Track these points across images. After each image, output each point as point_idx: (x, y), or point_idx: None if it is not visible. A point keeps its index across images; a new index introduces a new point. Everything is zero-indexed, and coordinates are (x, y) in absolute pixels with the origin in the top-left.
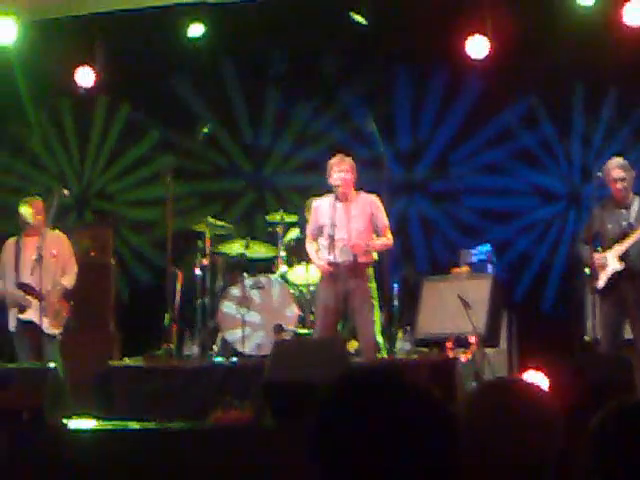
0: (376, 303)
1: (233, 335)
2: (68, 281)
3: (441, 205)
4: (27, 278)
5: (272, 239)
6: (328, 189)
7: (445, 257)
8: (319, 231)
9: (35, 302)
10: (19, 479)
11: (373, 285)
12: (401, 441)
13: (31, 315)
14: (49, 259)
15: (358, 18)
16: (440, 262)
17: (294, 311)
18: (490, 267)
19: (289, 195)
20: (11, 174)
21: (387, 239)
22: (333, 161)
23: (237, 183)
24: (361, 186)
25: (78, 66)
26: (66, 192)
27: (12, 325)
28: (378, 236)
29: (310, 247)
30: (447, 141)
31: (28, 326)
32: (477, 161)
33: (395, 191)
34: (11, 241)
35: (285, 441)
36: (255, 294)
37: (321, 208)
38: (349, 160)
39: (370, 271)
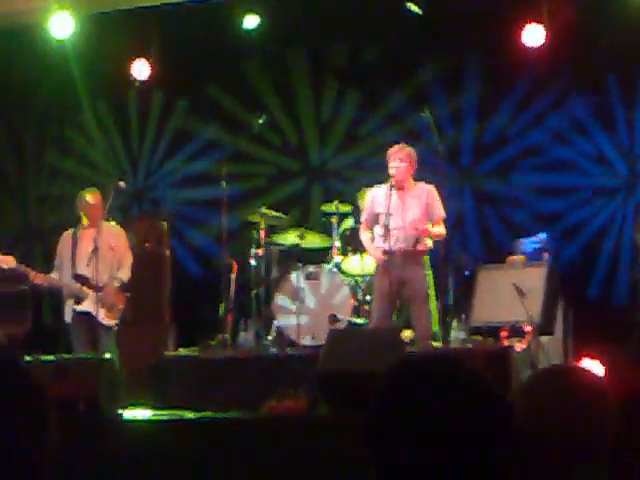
0: (432, 292)
1: (288, 325)
2: (124, 274)
3: (497, 194)
4: (83, 270)
5: (327, 229)
6: (385, 178)
7: (500, 246)
8: (374, 220)
9: (91, 293)
10: (75, 470)
11: (429, 273)
12: (456, 429)
13: (87, 306)
14: (105, 251)
15: (414, 8)
16: (495, 251)
17: (349, 301)
18: (546, 255)
19: (344, 185)
20: (67, 166)
21: (441, 230)
22: (391, 150)
23: (293, 173)
24: (421, 176)
25: (134, 59)
26: (123, 184)
27: (68, 316)
28: (433, 226)
29: (364, 236)
30: (502, 130)
31: (84, 317)
32: (539, 158)
33: (451, 179)
34: (68, 233)
35: (339, 431)
36: (310, 284)
37: (377, 197)
38: (408, 149)
39: (426, 259)
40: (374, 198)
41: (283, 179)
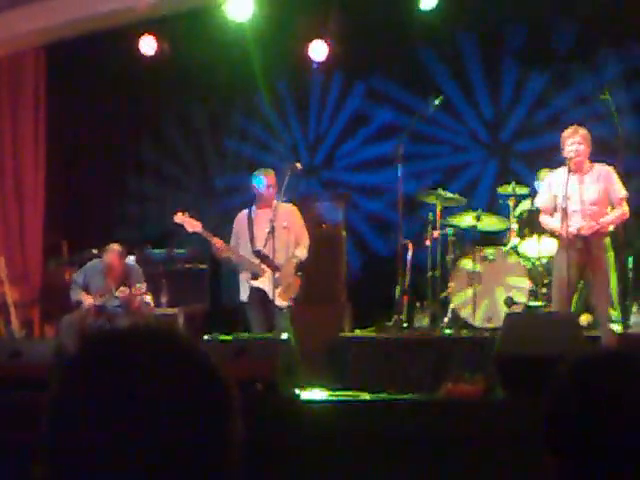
0: (612, 275)
1: (463, 307)
2: (302, 253)
3: None
4: (261, 250)
5: (504, 211)
6: (560, 161)
7: None
8: (553, 204)
9: (269, 272)
10: (252, 450)
11: (610, 255)
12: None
13: (263, 283)
14: (281, 231)
15: None
16: None
17: (526, 284)
18: None
19: (521, 167)
20: (244, 147)
21: (622, 212)
22: (566, 133)
23: (470, 155)
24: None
25: (312, 40)
26: (299, 166)
27: (244, 295)
28: (613, 207)
29: (546, 218)
30: None
31: (259, 294)
32: None
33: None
34: (243, 213)
35: (517, 416)
36: (486, 267)
37: (554, 180)
38: (583, 131)
39: (607, 241)
40: (551, 181)
41: (460, 161)
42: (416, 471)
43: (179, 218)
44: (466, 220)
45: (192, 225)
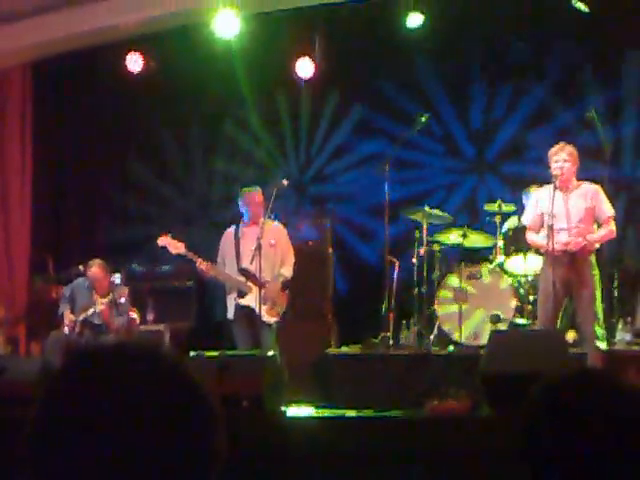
0: (598, 293)
1: (450, 324)
2: (288, 271)
3: None
4: (247, 267)
5: (489, 229)
6: (548, 179)
7: None
8: (539, 221)
9: (255, 289)
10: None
11: (595, 272)
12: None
13: (250, 301)
14: (268, 249)
15: (580, 5)
16: None
17: (512, 301)
18: None
19: (507, 184)
20: (232, 164)
21: (609, 230)
22: (552, 150)
23: (456, 172)
24: (584, 175)
25: (299, 58)
26: (285, 182)
27: (231, 313)
28: (600, 226)
29: (532, 235)
30: None
31: (246, 311)
32: None
33: (617, 180)
34: (230, 231)
35: (502, 433)
36: (472, 284)
37: (541, 197)
38: (569, 148)
39: (592, 259)
40: (538, 199)
41: (446, 178)
42: None
43: (162, 241)
44: (452, 237)
45: (175, 247)
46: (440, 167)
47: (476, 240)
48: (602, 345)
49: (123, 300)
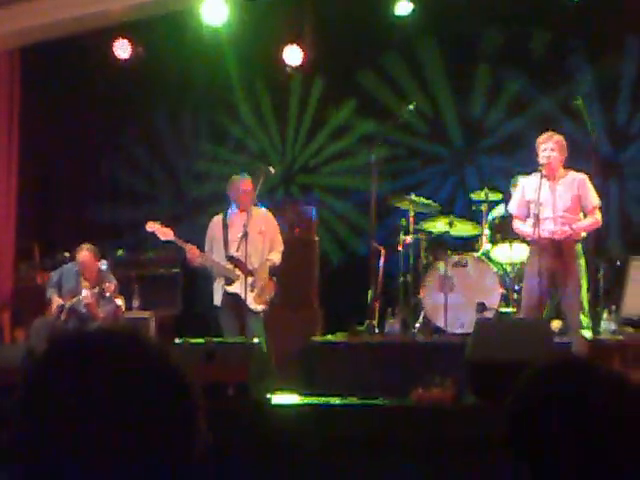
0: (584, 282)
1: (435, 313)
2: (276, 257)
3: None
4: (235, 254)
5: (476, 217)
6: (535, 167)
7: None
8: (526, 210)
9: (242, 276)
10: (223, 452)
11: (581, 262)
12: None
13: (237, 289)
14: (255, 236)
15: None
16: None
17: (497, 290)
18: None
19: (494, 173)
20: (220, 151)
21: (595, 220)
22: (541, 139)
23: (443, 161)
24: (571, 164)
25: (286, 45)
26: (272, 170)
27: (218, 300)
28: (585, 216)
29: (518, 224)
30: None
31: (233, 299)
32: None
33: (603, 169)
34: (218, 218)
35: (487, 421)
36: (457, 272)
37: (528, 186)
38: (557, 137)
39: (578, 248)
40: (525, 187)
41: (433, 167)
42: (386, 475)
43: (150, 226)
44: (439, 226)
45: (164, 233)
46: (428, 155)
47: (463, 229)
48: (587, 334)
49: (109, 294)
